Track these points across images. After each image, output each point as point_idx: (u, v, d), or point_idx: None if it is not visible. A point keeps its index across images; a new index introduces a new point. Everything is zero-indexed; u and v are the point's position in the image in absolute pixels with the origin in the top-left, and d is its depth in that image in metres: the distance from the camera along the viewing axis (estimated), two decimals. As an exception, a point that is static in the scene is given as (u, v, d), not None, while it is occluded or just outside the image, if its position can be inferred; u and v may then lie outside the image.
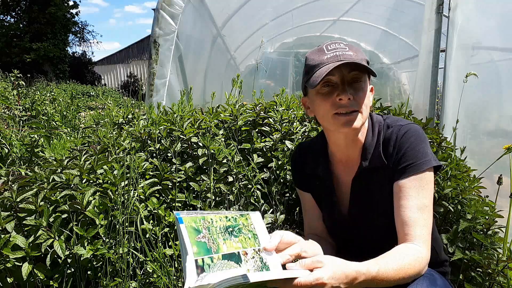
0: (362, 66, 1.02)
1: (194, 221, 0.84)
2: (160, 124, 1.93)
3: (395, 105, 1.99)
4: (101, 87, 16.03)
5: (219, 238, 0.86)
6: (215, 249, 0.83)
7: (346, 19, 6.34)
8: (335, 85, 1.05)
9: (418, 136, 1.07)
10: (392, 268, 0.91)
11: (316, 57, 1.06)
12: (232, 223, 0.91)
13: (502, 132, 2.16)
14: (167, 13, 3.11)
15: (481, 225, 1.40)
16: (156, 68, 3.09)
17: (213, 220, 0.88)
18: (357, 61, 1.01)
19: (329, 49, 1.05)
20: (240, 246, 0.88)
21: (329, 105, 1.05)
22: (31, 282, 1.39)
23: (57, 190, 1.51)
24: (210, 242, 0.84)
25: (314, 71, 1.04)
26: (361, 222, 1.18)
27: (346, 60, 1.01)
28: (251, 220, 0.96)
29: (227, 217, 0.91)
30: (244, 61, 6.59)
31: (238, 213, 0.95)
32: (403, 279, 0.94)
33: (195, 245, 0.81)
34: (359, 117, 1.05)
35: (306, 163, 1.28)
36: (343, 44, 1.06)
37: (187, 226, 0.82)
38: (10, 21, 20.58)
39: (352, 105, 1.04)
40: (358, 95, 1.04)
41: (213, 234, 0.85)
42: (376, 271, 0.88)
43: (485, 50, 2.29)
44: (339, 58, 1.02)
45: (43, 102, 5.21)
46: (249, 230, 0.93)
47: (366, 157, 1.13)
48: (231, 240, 0.88)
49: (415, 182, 1.04)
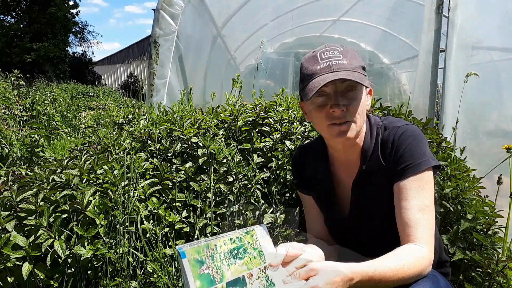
0: (354, 80, 1.01)
1: (197, 251, 0.85)
2: (160, 124, 1.93)
3: (395, 105, 1.99)
4: (101, 87, 16.03)
5: (223, 265, 0.87)
6: (219, 278, 0.85)
7: (346, 19, 6.34)
8: (328, 95, 1.05)
9: (416, 136, 1.07)
10: (390, 268, 0.91)
11: (310, 65, 1.06)
12: (237, 244, 0.92)
13: (502, 132, 2.16)
14: (167, 13, 3.12)
15: (482, 225, 1.40)
16: (156, 68, 3.09)
17: (217, 246, 0.89)
18: (350, 71, 1.01)
19: (323, 58, 1.04)
20: (245, 268, 0.89)
21: (323, 115, 1.06)
22: (31, 281, 1.39)
23: (57, 190, 1.51)
24: (213, 272, 0.85)
25: (308, 80, 1.05)
26: (362, 223, 1.18)
27: (338, 74, 1.00)
28: (257, 236, 0.97)
29: (231, 239, 0.92)
30: (244, 61, 6.59)
31: (243, 231, 0.95)
32: (403, 279, 0.93)
33: (198, 279, 0.82)
34: (353, 127, 1.05)
35: (306, 165, 1.29)
36: (337, 52, 1.05)
37: (190, 260, 0.83)
38: (10, 21, 20.59)
39: (345, 116, 1.04)
40: (352, 105, 1.04)
41: (216, 262, 0.87)
42: (372, 271, 0.88)
43: (485, 50, 2.30)
44: (332, 69, 1.02)
45: (44, 102, 5.21)
46: (254, 248, 0.94)
47: (365, 159, 1.13)
48: (236, 264, 0.89)
49: (414, 182, 1.04)
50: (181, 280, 1.48)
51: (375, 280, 0.88)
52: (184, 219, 1.62)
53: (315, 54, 1.07)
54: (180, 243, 1.51)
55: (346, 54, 1.05)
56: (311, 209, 1.30)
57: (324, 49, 1.07)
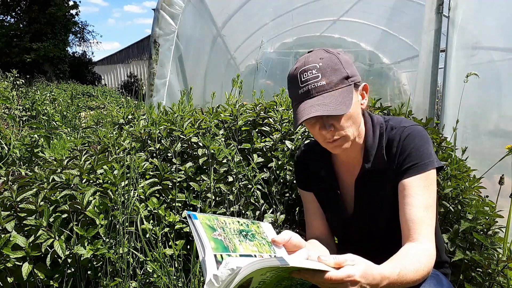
0: (329, 115, 0.99)
1: (208, 219, 0.82)
2: (160, 124, 1.93)
3: (395, 105, 1.99)
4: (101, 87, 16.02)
5: (235, 239, 0.84)
6: (232, 248, 0.81)
7: (346, 19, 6.34)
8: (315, 119, 1.05)
9: (422, 137, 1.08)
10: (410, 271, 0.90)
11: (292, 87, 1.06)
12: (244, 228, 0.90)
13: (502, 132, 2.16)
14: (167, 13, 3.12)
15: (482, 225, 1.40)
16: (156, 68, 3.09)
17: (226, 222, 0.86)
18: (329, 92, 1.00)
19: (302, 81, 1.03)
20: (256, 249, 0.85)
21: (316, 134, 1.09)
22: (31, 282, 1.39)
23: (57, 190, 1.51)
24: (226, 241, 0.81)
25: (293, 105, 1.06)
26: (365, 223, 1.19)
27: (315, 108, 0.99)
28: (262, 229, 0.95)
29: (239, 222, 0.90)
30: (244, 61, 6.59)
31: (249, 221, 0.94)
32: (418, 281, 0.93)
33: (212, 240, 0.78)
34: (346, 140, 1.07)
35: (309, 163, 1.29)
36: (315, 70, 1.02)
37: (202, 223, 0.80)
38: (10, 21, 20.57)
39: (334, 135, 1.05)
40: (340, 124, 1.04)
41: (228, 234, 0.83)
42: (397, 274, 0.87)
43: (485, 50, 2.30)
44: (311, 94, 1.01)
45: (43, 102, 5.21)
46: (262, 237, 0.92)
47: (368, 158, 1.13)
48: (246, 243, 0.85)
49: (420, 181, 1.04)
50: (181, 280, 1.48)
51: (397, 284, 0.88)
52: (184, 219, 1.62)
53: (296, 73, 1.05)
54: (180, 243, 1.51)
55: (325, 71, 1.02)
56: (311, 204, 1.30)
57: (303, 68, 1.04)
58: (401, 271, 0.88)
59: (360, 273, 0.79)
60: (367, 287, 0.80)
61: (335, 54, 1.05)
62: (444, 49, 2.36)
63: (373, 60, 7.06)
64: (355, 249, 1.18)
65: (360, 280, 0.79)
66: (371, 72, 6.99)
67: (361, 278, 0.79)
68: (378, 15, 6.14)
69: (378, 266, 0.86)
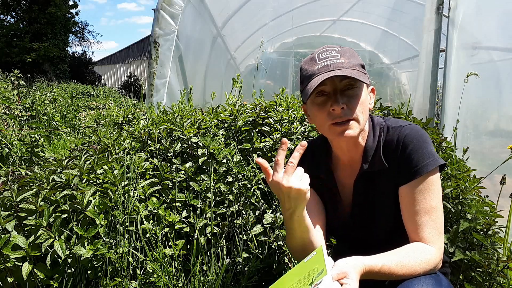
0: (350, 76, 1.01)
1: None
2: (160, 124, 1.93)
3: (395, 105, 1.99)
4: (101, 87, 16.01)
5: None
6: None
7: (346, 19, 6.35)
8: (328, 94, 1.05)
9: (420, 136, 1.07)
10: (396, 263, 0.96)
11: (309, 67, 1.07)
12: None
13: (502, 132, 2.16)
14: (167, 13, 3.12)
15: (481, 225, 1.40)
16: (156, 68, 3.10)
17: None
18: (348, 69, 1.01)
19: (321, 58, 1.05)
20: None
21: (325, 115, 1.06)
22: (31, 281, 1.39)
23: (57, 190, 1.51)
24: None
25: (307, 82, 1.05)
26: (364, 224, 1.19)
27: (336, 72, 1.00)
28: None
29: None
30: (244, 61, 6.59)
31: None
32: (408, 275, 0.97)
33: None
34: (355, 125, 1.04)
35: (308, 163, 1.28)
36: (335, 51, 1.05)
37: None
38: (10, 21, 20.57)
39: (346, 114, 1.03)
40: (352, 103, 1.04)
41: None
42: (379, 266, 0.93)
43: (485, 50, 2.29)
44: (329, 68, 1.02)
45: (44, 102, 5.22)
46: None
47: (367, 160, 1.12)
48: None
49: (420, 186, 1.04)
50: (181, 280, 1.48)
51: (381, 274, 0.94)
52: (184, 219, 1.62)
53: (313, 55, 1.08)
54: (180, 243, 1.51)
55: (344, 53, 1.05)
56: (309, 206, 1.30)
57: (322, 50, 1.08)
58: (385, 263, 0.94)
59: (354, 285, 0.85)
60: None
61: (350, 48, 1.10)
62: (444, 49, 2.36)
63: (373, 60, 7.07)
64: (354, 249, 1.18)
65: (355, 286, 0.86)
66: (371, 72, 6.99)
67: (355, 283, 0.86)
68: (378, 15, 6.14)
69: (363, 258, 0.93)
